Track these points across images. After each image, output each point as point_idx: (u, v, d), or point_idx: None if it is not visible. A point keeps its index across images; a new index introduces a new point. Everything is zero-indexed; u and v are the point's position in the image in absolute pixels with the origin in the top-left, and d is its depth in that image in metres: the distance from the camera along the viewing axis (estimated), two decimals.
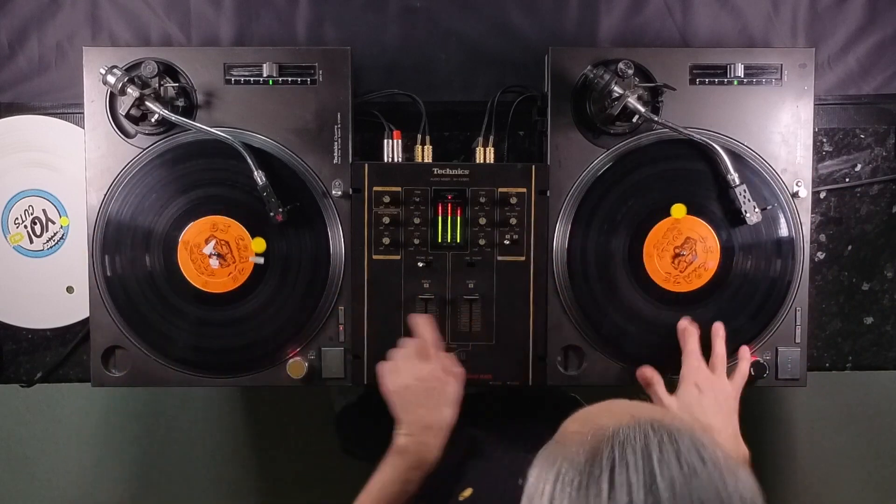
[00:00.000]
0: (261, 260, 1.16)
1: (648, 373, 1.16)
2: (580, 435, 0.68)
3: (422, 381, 1.08)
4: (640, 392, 1.17)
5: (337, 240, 1.18)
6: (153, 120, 1.15)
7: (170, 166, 1.18)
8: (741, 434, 1.09)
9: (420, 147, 1.20)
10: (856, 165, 1.29)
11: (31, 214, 1.27)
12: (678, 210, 1.18)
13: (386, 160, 1.20)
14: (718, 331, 1.17)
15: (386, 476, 1.05)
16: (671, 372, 1.20)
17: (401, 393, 1.08)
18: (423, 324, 1.13)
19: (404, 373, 1.10)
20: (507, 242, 1.18)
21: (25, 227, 1.27)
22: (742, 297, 1.20)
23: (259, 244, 1.15)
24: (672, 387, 1.14)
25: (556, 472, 0.66)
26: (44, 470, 2.06)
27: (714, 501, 0.64)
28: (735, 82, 1.19)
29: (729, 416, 1.11)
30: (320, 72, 1.18)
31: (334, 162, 1.18)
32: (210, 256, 1.17)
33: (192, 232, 1.18)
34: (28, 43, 1.30)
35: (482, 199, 1.17)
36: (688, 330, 1.16)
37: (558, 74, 1.19)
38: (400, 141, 1.20)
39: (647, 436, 0.66)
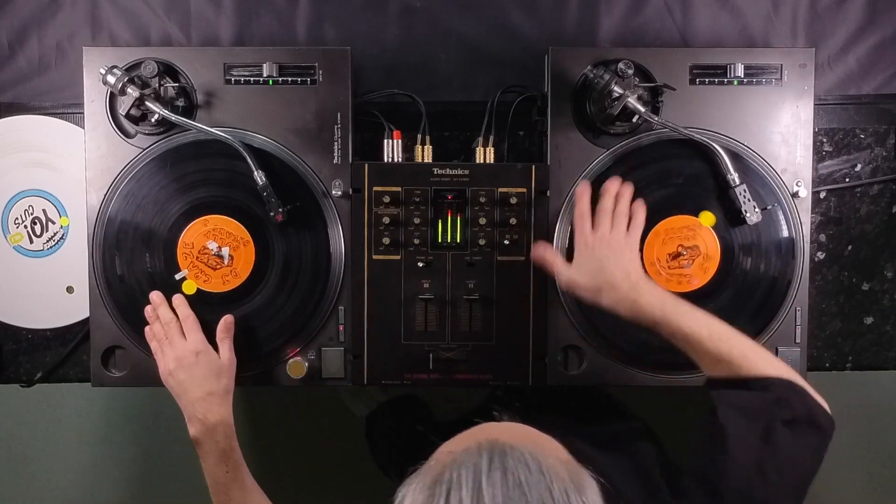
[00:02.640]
0: (184, 273, 1.17)
1: (540, 250, 1.15)
2: (436, 460, 0.75)
3: (181, 360, 1.13)
4: (639, 390, 1.17)
5: (337, 240, 1.18)
6: (153, 120, 1.15)
7: (170, 166, 1.17)
8: None
9: (420, 147, 1.20)
10: (856, 165, 1.29)
11: (31, 214, 1.27)
12: (707, 218, 1.18)
13: (386, 160, 1.20)
14: (609, 188, 1.15)
15: (208, 467, 1.11)
16: (671, 372, 1.20)
17: (169, 380, 1.14)
18: (178, 304, 1.16)
19: (168, 355, 1.14)
20: (507, 242, 1.18)
21: (25, 227, 1.27)
22: (742, 297, 1.20)
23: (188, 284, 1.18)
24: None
25: (409, 492, 0.72)
26: (44, 470, 2.06)
27: None
28: (735, 82, 1.19)
29: (629, 265, 1.09)
30: (320, 72, 1.18)
31: (334, 162, 1.18)
32: (221, 256, 1.17)
33: (192, 232, 1.18)
34: (28, 43, 1.30)
35: (482, 199, 1.17)
36: (577, 193, 1.15)
37: (558, 74, 1.19)
38: (400, 141, 1.20)
39: (480, 456, 0.71)
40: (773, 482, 0.91)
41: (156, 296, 1.17)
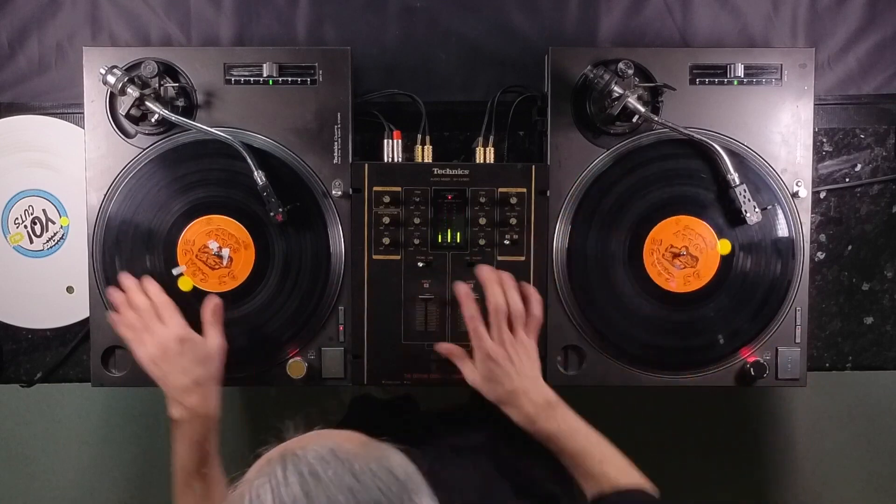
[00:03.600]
0: (182, 269, 1.17)
1: (444, 349, 1.14)
2: (235, 493, 0.73)
3: (164, 349, 1.09)
4: (627, 394, 1.17)
5: (337, 240, 1.18)
6: (153, 120, 1.15)
7: (170, 166, 1.17)
8: None
9: (420, 147, 1.20)
10: (856, 165, 1.29)
11: (31, 214, 1.27)
12: (724, 246, 1.18)
13: (386, 160, 1.20)
14: (488, 278, 1.11)
15: (180, 449, 1.07)
16: (671, 372, 1.20)
17: (151, 368, 1.10)
18: (152, 289, 1.13)
19: (149, 343, 1.10)
20: (507, 242, 1.18)
21: (25, 227, 1.27)
22: (742, 297, 1.20)
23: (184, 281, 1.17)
24: None
25: None
26: (44, 470, 2.06)
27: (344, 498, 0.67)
28: (735, 82, 1.19)
29: (531, 386, 1.08)
30: (320, 72, 1.18)
31: (334, 162, 1.18)
32: (220, 256, 1.17)
33: (195, 230, 1.18)
34: (28, 43, 1.30)
35: (482, 199, 1.17)
36: (459, 294, 1.12)
37: (558, 74, 1.19)
38: (400, 141, 1.20)
39: (273, 468, 0.70)
40: None
41: (127, 280, 1.14)
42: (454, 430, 1.22)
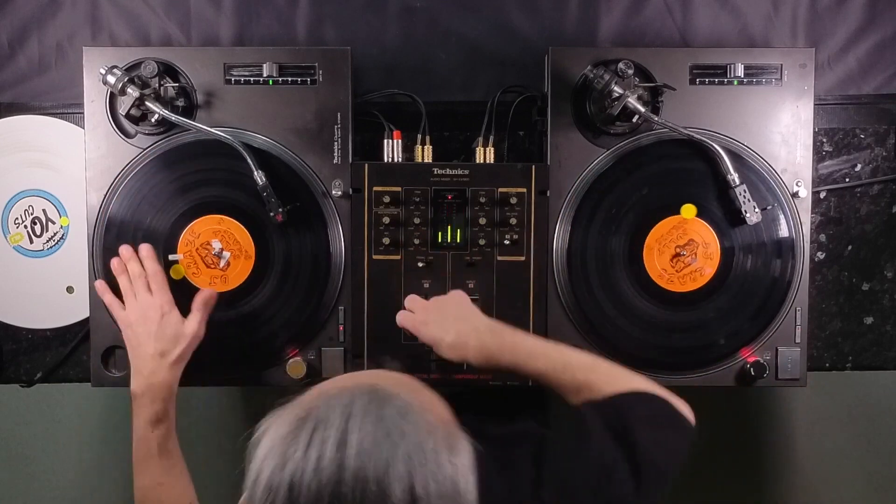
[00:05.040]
0: (179, 257, 1.17)
1: (400, 319, 1.14)
2: (308, 395, 0.73)
3: (145, 314, 1.11)
4: None
5: (337, 240, 1.18)
6: (153, 120, 1.15)
7: (170, 166, 1.17)
8: None
9: (420, 147, 1.20)
10: (856, 165, 1.29)
11: (31, 214, 1.27)
12: (688, 210, 1.18)
13: (386, 160, 1.20)
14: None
15: (140, 426, 1.08)
16: (671, 372, 1.20)
17: (127, 331, 1.12)
18: (148, 256, 1.14)
19: (131, 307, 1.13)
20: (507, 242, 1.18)
21: (25, 227, 1.27)
22: (742, 297, 1.20)
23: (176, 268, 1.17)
24: None
25: (273, 424, 0.70)
26: (44, 470, 2.06)
27: (400, 462, 0.66)
28: (735, 82, 1.19)
29: (458, 313, 1.09)
30: (320, 72, 1.18)
31: (334, 162, 1.18)
32: (220, 257, 1.17)
33: (201, 226, 1.17)
34: (28, 43, 1.30)
35: (482, 199, 1.17)
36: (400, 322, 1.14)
37: (558, 74, 1.19)
38: (400, 141, 1.20)
39: (354, 397, 0.69)
40: (628, 482, 0.88)
41: (125, 249, 1.15)
42: None
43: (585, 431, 0.90)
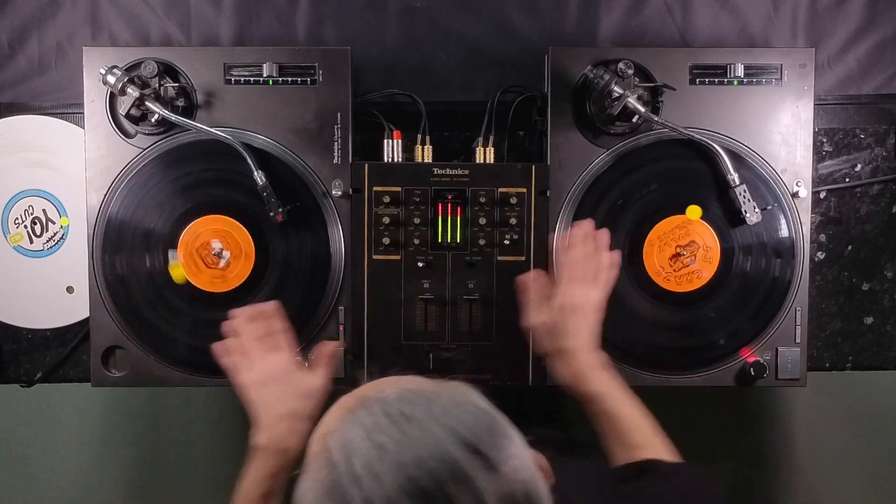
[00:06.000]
0: (176, 256, 1.16)
1: (527, 281, 1.15)
2: (316, 446, 0.71)
3: (274, 374, 1.05)
4: (639, 390, 1.17)
5: (337, 240, 1.18)
6: (153, 120, 1.15)
7: (170, 166, 1.17)
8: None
9: (420, 147, 1.20)
10: (856, 165, 1.29)
11: (31, 214, 1.27)
12: (693, 212, 1.18)
13: (386, 160, 1.20)
14: (580, 234, 1.15)
15: (252, 477, 1.03)
16: (671, 372, 1.20)
17: (251, 391, 1.05)
18: (271, 312, 1.08)
19: (258, 367, 1.05)
20: (507, 242, 1.18)
21: (25, 227, 1.27)
22: (742, 297, 1.20)
23: (177, 271, 1.16)
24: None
25: (310, 496, 0.68)
26: (44, 470, 2.06)
27: (432, 456, 0.65)
28: (735, 82, 1.19)
29: (591, 334, 1.10)
30: (320, 72, 1.18)
31: (334, 162, 1.18)
32: (220, 257, 1.17)
33: (200, 226, 1.17)
34: (28, 43, 1.30)
35: (482, 199, 1.17)
36: (576, 236, 1.14)
37: (558, 74, 1.19)
38: (400, 141, 1.20)
39: (356, 415, 0.69)
40: None
41: (250, 310, 1.08)
42: None
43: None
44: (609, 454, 1.05)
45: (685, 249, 1.19)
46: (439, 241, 1.18)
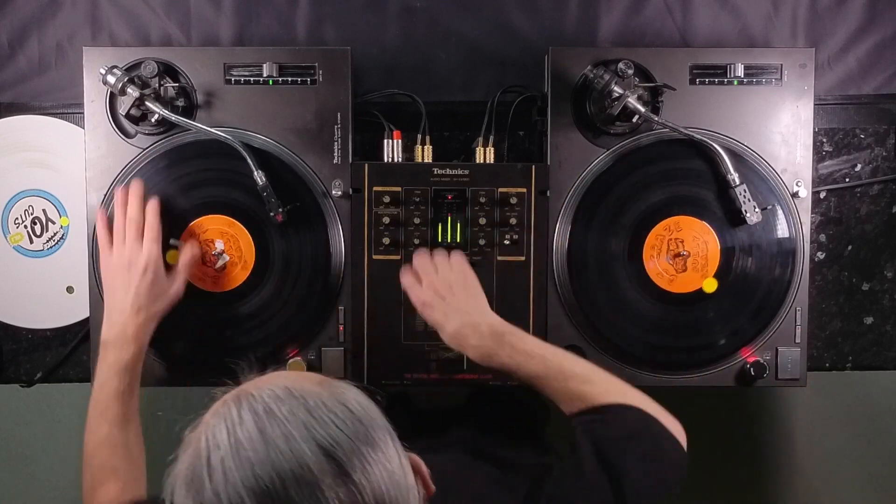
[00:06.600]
0: (178, 243, 1.16)
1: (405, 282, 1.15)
2: (189, 434, 0.72)
3: (129, 265, 1.09)
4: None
5: (337, 240, 1.18)
6: (153, 120, 1.15)
7: (170, 166, 1.17)
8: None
9: (420, 147, 1.20)
10: (856, 165, 1.29)
11: (31, 214, 1.27)
12: (709, 284, 1.18)
13: (386, 160, 1.20)
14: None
15: (105, 374, 1.06)
16: (671, 372, 1.20)
17: (107, 275, 1.11)
18: (149, 209, 1.12)
19: (117, 254, 1.10)
20: (507, 242, 1.18)
21: (25, 227, 1.27)
22: (742, 297, 1.20)
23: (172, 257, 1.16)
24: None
25: (176, 480, 0.70)
26: (44, 470, 2.06)
27: (282, 457, 0.66)
28: (735, 82, 1.19)
29: (468, 306, 1.10)
30: (320, 72, 1.18)
31: (334, 162, 1.18)
32: (218, 258, 1.17)
33: (210, 222, 1.17)
34: (28, 43, 1.30)
35: (482, 199, 1.17)
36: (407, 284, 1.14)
37: (558, 74, 1.19)
38: (400, 141, 1.20)
39: (229, 408, 0.70)
40: None
41: (133, 186, 1.13)
42: (434, 431, 1.21)
43: (578, 466, 0.91)
44: (562, 408, 1.03)
45: (685, 250, 1.19)
46: (439, 241, 1.18)
